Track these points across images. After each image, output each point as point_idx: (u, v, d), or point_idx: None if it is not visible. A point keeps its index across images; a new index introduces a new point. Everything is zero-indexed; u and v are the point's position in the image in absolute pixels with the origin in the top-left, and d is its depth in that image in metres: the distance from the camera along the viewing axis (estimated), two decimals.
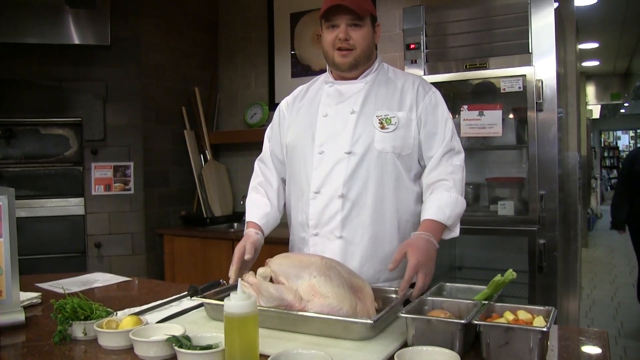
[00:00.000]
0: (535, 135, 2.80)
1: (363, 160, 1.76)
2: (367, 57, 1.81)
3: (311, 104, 1.90)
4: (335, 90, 1.86)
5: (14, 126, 3.78)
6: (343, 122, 1.79)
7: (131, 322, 1.38)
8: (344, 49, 1.76)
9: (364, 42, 1.77)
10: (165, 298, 1.83)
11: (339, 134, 1.78)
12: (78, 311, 1.43)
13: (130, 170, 3.93)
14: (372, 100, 1.80)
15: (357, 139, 1.76)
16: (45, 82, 3.78)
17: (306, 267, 1.47)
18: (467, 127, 2.94)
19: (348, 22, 1.74)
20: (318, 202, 1.79)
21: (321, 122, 1.83)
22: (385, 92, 1.82)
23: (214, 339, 1.26)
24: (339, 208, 1.76)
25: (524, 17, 2.82)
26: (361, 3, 1.73)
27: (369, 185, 1.76)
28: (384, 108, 1.79)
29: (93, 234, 3.86)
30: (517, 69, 2.82)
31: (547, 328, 1.17)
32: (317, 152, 1.80)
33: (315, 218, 1.80)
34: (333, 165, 1.77)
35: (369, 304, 1.48)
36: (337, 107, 1.83)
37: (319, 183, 1.79)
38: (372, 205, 1.76)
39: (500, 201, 3.01)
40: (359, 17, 1.73)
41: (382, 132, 1.75)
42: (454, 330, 1.23)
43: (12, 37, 3.57)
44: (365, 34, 1.76)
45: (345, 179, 1.76)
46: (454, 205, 1.71)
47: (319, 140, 1.81)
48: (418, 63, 3.07)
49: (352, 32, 1.75)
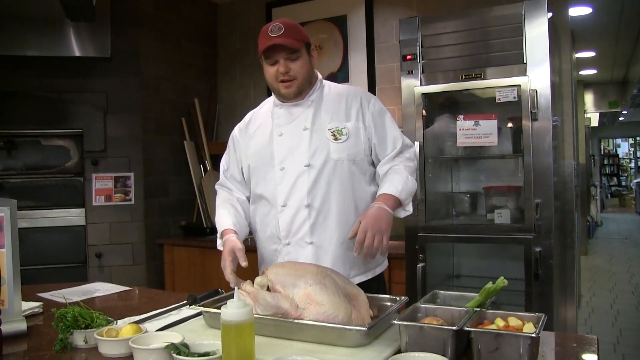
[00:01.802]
0: (530, 144, 2.83)
1: (322, 171, 1.90)
2: (308, 82, 1.96)
3: (264, 127, 2.03)
4: (285, 111, 2.00)
5: (15, 137, 3.81)
6: (298, 138, 1.94)
7: (131, 331, 1.41)
8: (286, 80, 1.91)
9: (303, 71, 1.91)
10: (165, 307, 1.86)
11: (296, 150, 1.93)
12: (79, 320, 1.46)
13: (130, 181, 3.97)
14: (321, 116, 1.95)
15: (313, 152, 1.91)
16: (46, 94, 3.82)
17: (302, 275, 1.50)
18: (463, 137, 2.98)
19: (285, 57, 1.88)
20: (286, 214, 1.92)
21: (277, 141, 1.97)
22: (331, 107, 1.97)
23: (212, 347, 1.29)
24: (306, 217, 1.90)
25: (518, 27, 2.86)
26: (294, 37, 1.87)
27: (330, 192, 1.91)
28: (333, 121, 1.94)
29: (94, 244, 3.89)
30: (511, 79, 2.86)
31: (536, 334, 1.20)
32: (278, 169, 1.94)
33: (285, 229, 1.93)
34: (295, 179, 1.91)
35: (364, 311, 1.51)
36: (290, 125, 1.97)
37: (284, 197, 1.92)
38: (336, 210, 1.91)
39: (496, 210, 3.04)
40: (294, 50, 1.87)
41: (336, 143, 1.91)
42: (446, 336, 1.26)
43: (14, 50, 3.60)
44: (303, 63, 1.91)
45: (309, 190, 1.90)
46: (404, 183, 1.87)
47: (278, 157, 1.95)
48: (414, 74, 3.10)
49: (291, 64, 1.89)
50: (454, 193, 3.44)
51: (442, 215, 3.31)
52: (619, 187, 19.24)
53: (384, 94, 3.97)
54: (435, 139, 3.23)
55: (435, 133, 3.25)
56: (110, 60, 3.84)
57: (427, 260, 3.05)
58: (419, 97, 3.07)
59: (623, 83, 9.61)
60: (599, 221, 12.33)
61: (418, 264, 3.03)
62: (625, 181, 19.73)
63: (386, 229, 1.75)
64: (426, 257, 3.05)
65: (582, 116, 8.60)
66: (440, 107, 3.30)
